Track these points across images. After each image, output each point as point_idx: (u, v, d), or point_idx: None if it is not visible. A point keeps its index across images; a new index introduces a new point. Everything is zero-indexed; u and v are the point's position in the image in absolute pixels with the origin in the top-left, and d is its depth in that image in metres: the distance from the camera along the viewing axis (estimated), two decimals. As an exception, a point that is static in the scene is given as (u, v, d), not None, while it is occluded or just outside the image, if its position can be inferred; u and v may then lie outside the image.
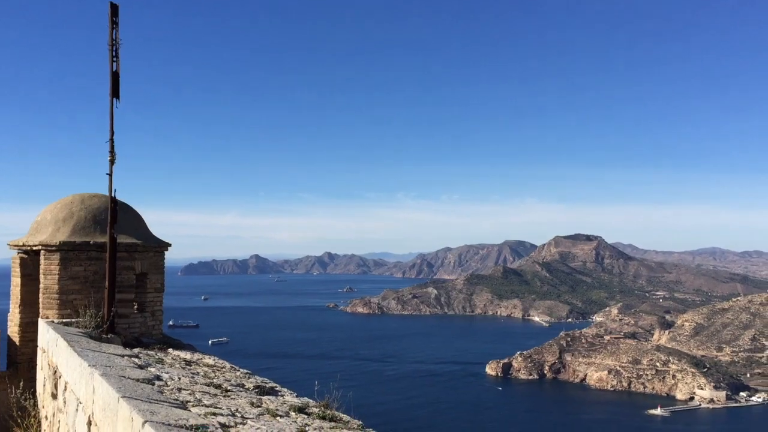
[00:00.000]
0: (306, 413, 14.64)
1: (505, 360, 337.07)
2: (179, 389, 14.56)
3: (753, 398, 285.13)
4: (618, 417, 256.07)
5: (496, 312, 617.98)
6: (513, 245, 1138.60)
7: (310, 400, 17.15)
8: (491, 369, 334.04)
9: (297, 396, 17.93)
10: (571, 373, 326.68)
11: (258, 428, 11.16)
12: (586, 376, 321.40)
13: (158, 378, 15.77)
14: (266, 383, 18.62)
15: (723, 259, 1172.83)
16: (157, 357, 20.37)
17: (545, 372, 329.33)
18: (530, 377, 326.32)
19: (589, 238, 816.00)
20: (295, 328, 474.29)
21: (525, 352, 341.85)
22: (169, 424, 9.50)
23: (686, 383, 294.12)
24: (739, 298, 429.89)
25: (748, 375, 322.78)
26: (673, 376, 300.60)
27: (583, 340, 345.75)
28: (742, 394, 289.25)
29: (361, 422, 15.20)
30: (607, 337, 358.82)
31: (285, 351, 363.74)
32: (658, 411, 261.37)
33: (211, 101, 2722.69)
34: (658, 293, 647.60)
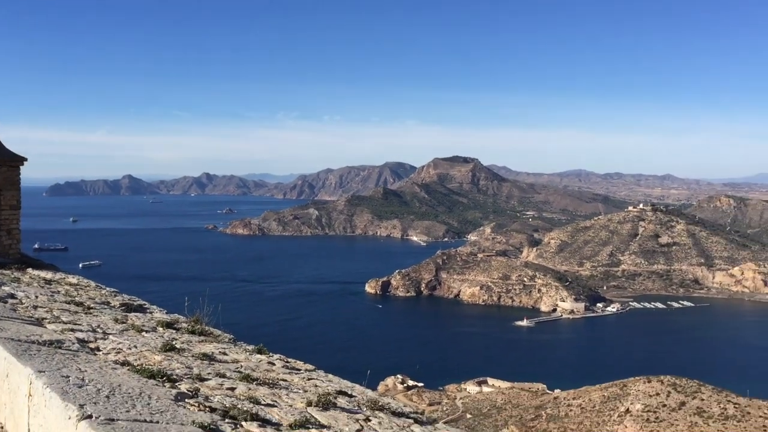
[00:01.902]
0: (175, 328, 14.43)
1: (384, 279, 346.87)
2: (35, 307, 13.85)
3: (608, 309, 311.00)
4: (488, 329, 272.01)
5: (376, 232, 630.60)
6: (393, 167, 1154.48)
7: (181, 316, 16.88)
8: (371, 288, 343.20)
9: (167, 313, 17.60)
10: (446, 290, 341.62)
11: (120, 343, 10.86)
12: (460, 292, 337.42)
13: (12, 296, 14.92)
14: (134, 301, 18.10)
15: (587, 180, 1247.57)
16: (12, 276, 19.22)
17: (422, 289, 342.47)
18: (408, 294, 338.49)
19: (466, 161, 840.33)
20: (172, 251, 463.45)
21: (403, 271, 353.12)
22: (19, 340, 9.00)
23: (550, 296, 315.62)
24: (599, 217, 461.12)
25: (605, 288, 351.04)
26: (539, 290, 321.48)
27: (458, 259, 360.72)
28: (599, 305, 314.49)
29: (232, 336, 15.20)
30: (480, 255, 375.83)
31: (161, 273, 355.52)
32: (524, 322, 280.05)
33: (73, 7, 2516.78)
34: (528, 213, 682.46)
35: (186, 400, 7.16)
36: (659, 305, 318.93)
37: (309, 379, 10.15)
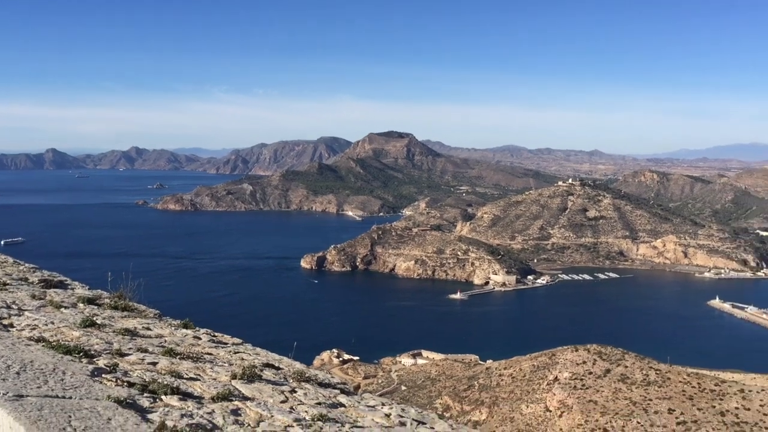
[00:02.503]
0: (97, 304, 13.96)
1: (320, 254, 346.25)
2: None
3: (539, 281, 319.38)
4: (423, 303, 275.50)
5: (312, 207, 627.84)
6: (328, 142, 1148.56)
7: (104, 292, 16.37)
8: (306, 263, 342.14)
9: (90, 289, 17.01)
10: (381, 264, 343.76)
11: (36, 319, 10.42)
12: (395, 266, 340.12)
13: None
14: (54, 277, 17.41)
15: (519, 156, 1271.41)
16: None
17: (358, 264, 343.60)
18: (343, 269, 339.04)
19: (401, 136, 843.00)
20: (100, 227, 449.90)
21: (339, 246, 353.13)
22: None
23: (483, 270, 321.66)
24: (531, 191, 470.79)
25: (535, 260, 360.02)
26: (472, 264, 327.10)
27: (393, 233, 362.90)
28: (529, 277, 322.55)
29: (158, 311, 14.83)
30: (415, 230, 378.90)
31: (88, 250, 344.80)
32: (458, 295, 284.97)
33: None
34: (462, 188, 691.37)
35: (103, 375, 6.92)
36: (587, 277, 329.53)
37: (236, 353, 10.00)
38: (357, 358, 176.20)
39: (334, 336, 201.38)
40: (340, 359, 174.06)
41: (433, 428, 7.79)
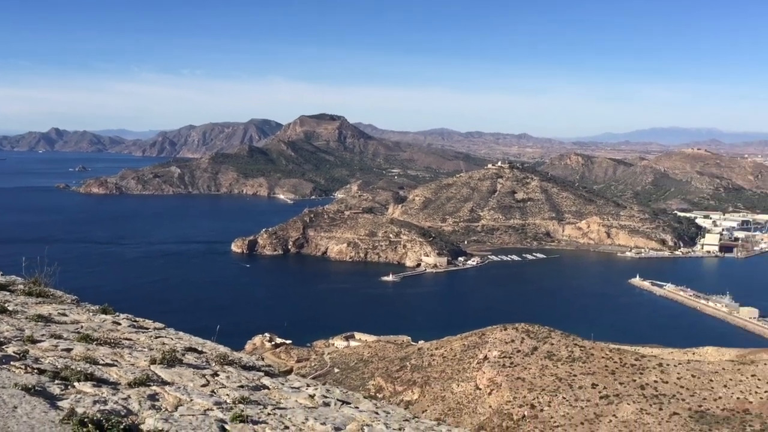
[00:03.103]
0: (9, 290, 13.31)
1: (251, 237, 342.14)
2: None
3: (469, 262, 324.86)
4: (355, 285, 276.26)
5: (242, 191, 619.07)
6: (259, 124, 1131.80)
7: (18, 278, 15.63)
8: (237, 247, 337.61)
9: (3, 275, 16.22)
10: (313, 247, 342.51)
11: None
12: (327, 249, 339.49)
13: None
14: (-38, 263, 16.51)
15: (450, 139, 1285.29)
16: None
17: (289, 247, 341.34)
18: (275, 253, 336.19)
19: (333, 118, 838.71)
20: (18, 211, 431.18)
21: (270, 229, 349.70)
22: None
23: (415, 252, 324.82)
24: (461, 174, 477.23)
25: (466, 242, 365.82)
26: (404, 246, 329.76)
27: (326, 216, 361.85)
28: (460, 258, 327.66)
29: (75, 297, 14.27)
30: (347, 213, 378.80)
31: (2, 236, 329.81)
32: (390, 277, 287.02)
33: None
34: (393, 170, 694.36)
35: (12, 363, 6.56)
36: (515, 257, 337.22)
37: (157, 338, 9.69)
38: (290, 341, 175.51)
39: (267, 320, 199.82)
40: (273, 343, 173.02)
41: (357, 407, 7.76)
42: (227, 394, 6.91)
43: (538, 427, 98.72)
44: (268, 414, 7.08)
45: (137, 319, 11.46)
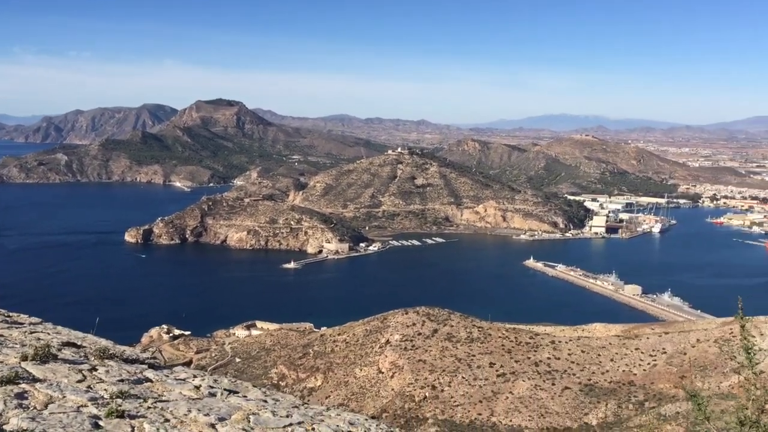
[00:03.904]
0: None
1: (146, 226, 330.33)
2: None
3: (370, 248, 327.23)
4: (256, 273, 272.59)
5: (136, 178, 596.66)
6: (152, 109, 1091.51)
7: None
8: (131, 236, 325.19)
9: None
10: (212, 236, 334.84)
11: None
12: (227, 237, 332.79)
13: None
14: None
15: (350, 125, 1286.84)
16: None
17: (187, 236, 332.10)
18: (172, 242, 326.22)
19: (230, 104, 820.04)
20: None
21: (166, 218, 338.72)
22: None
23: (316, 238, 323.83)
24: (362, 160, 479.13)
25: (367, 228, 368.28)
26: (306, 233, 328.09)
27: (225, 204, 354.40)
28: (362, 244, 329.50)
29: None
30: (246, 200, 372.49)
31: None
32: (292, 265, 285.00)
33: None
34: (294, 157, 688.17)
35: None
36: (415, 242, 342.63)
37: (32, 333, 9.05)
38: (188, 332, 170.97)
39: (164, 312, 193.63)
40: (171, 335, 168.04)
41: (245, 396, 7.53)
42: (105, 389, 6.51)
43: (439, 407, 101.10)
44: (148, 408, 6.75)
45: (11, 314, 10.67)
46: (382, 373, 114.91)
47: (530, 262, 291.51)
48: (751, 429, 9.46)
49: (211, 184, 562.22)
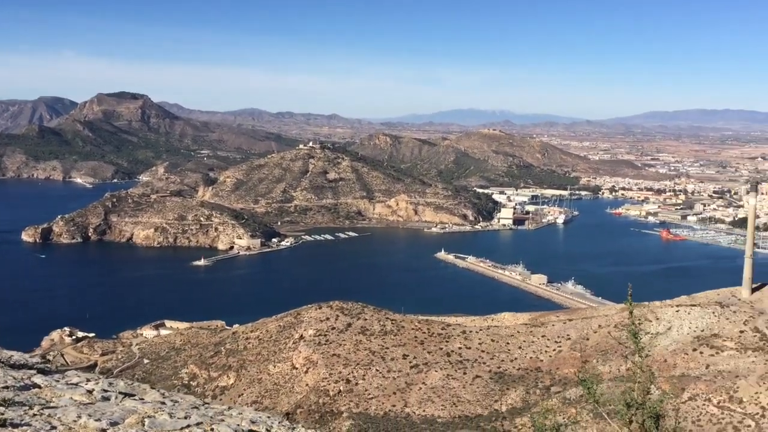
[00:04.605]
0: None
1: (45, 225, 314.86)
2: None
3: (283, 243, 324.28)
4: (165, 271, 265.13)
5: (33, 175, 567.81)
6: (50, 102, 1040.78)
7: None
8: (28, 236, 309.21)
9: None
10: (117, 234, 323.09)
11: None
12: (133, 235, 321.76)
13: None
14: None
15: (260, 119, 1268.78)
16: None
17: (90, 234, 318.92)
18: (74, 241, 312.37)
19: (135, 97, 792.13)
20: None
21: (67, 216, 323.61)
22: None
23: (227, 234, 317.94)
24: (273, 155, 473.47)
25: (279, 223, 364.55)
26: (216, 229, 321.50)
27: (130, 200, 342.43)
28: (274, 240, 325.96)
29: None
30: (153, 196, 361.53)
31: None
32: (202, 262, 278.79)
33: None
34: (203, 152, 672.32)
35: None
36: (328, 237, 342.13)
37: None
38: (93, 334, 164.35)
39: (67, 313, 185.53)
40: (74, 338, 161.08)
41: (142, 399, 7.30)
42: (-15, 399, 6.12)
43: (354, 400, 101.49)
44: (34, 415, 6.43)
45: None
46: (296, 368, 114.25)
47: (441, 255, 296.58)
48: (637, 411, 10.01)
49: (115, 180, 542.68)
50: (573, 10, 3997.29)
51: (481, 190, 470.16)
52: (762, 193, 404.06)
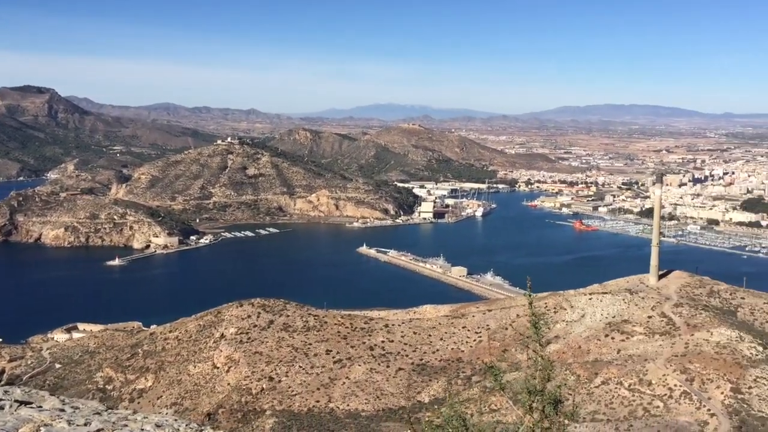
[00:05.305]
0: None
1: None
2: None
3: (202, 240, 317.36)
4: (77, 272, 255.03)
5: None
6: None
7: None
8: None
9: None
10: (24, 234, 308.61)
11: None
12: (41, 235, 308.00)
13: None
14: None
15: (176, 114, 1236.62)
16: None
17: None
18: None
19: (40, 91, 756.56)
20: None
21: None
22: None
23: (143, 233, 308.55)
24: (190, 151, 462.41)
25: (198, 220, 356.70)
26: (131, 228, 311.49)
27: (38, 199, 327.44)
28: (192, 237, 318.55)
29: None
30: (63, 194, 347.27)
31: None
32: (117, 262, 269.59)
33: None
34: (115, 148, 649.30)
35: None
36: (249, 233, 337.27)
37: None
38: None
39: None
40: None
41: (40, 407, 6.99)
42: None
43: (277, 398, 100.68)
44: None
45: None
46: (218, 368, 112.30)
47: (363, 249, 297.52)
48: (537, 397, 10.41)
49: (21, 178, 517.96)
50: (489, 7, 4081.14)
51: (401, 185, 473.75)
52: (667, 185, 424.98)
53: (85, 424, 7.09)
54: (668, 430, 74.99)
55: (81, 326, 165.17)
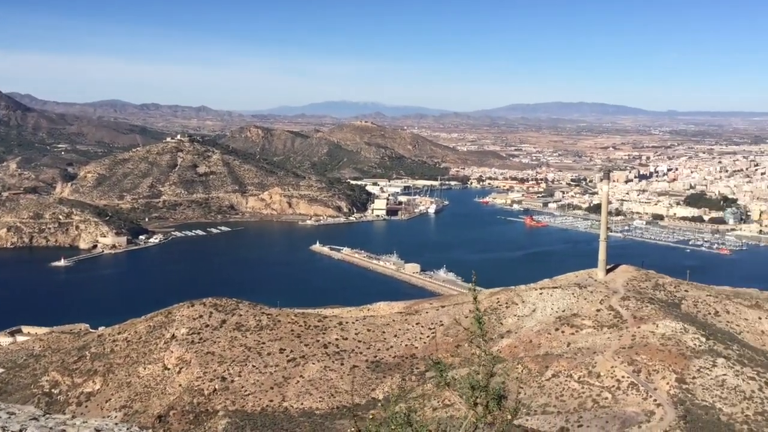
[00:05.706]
0: None
1: None
2: None
3: (151, 240, 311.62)
4: (20, 274, 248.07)
5: None
6: None
7: None
8: None
9: None
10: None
11: None
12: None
13: None
14: None
15: (124, 111, 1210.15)
16: None
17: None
18: None
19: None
20: None
21: None
22: None
23: (90, 233, 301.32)
24: (138, 148, 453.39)
25: (147, 219, 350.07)
26: (77, 227, 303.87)
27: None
28: (141, 237, 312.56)
29: None
30: (5, 194, 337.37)
31: None
32: (62, 262, 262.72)
33: None
34: (60, 146, 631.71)
35: None
36: (200, 232, 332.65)
37: None
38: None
39: None
40: None
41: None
42: None
43: (230, 398, 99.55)
44: None
45: None
46: (169, 369, 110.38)
47: (317, 247, 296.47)
48: (481, 393, 10.54)
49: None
50: (440, 6, 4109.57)
51: (354, 182, 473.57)
52: (613, 181, 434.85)
53: (21, 430, 6.89)
54: (616, 421, 76.84)
55: (25, 329, 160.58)
